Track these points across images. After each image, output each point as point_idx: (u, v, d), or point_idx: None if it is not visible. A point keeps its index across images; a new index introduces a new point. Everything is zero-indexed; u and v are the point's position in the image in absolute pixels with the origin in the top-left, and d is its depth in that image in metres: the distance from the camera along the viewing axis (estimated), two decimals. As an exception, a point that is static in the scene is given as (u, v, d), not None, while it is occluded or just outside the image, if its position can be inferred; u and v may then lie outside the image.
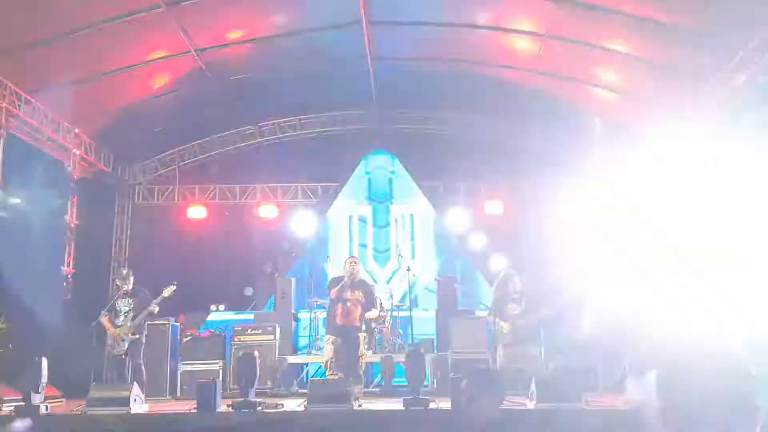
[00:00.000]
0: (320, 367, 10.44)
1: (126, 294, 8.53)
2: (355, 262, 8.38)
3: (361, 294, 8.08)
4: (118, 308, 8.49)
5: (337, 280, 8.35)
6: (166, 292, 8.45)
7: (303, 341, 12.12)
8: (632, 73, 10.72)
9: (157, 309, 8.51)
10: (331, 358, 7.89)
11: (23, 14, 8.50)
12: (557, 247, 11.55)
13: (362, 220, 14.61)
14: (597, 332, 10.14)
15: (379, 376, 10.43)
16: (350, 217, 14.65)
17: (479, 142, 14.19)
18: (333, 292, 8.19)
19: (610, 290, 10.47)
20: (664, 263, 10.58)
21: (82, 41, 9.27)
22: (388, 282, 13.87)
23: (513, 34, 10.56)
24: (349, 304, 7.98)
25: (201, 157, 14.60)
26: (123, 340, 8.31)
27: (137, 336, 8.41)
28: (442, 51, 11.39)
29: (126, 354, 8.33)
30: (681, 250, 10.64)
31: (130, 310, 8.46)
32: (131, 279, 8.63)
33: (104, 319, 8.35)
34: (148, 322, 8.90)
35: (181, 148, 14.42)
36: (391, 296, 12.16)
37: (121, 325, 8.36)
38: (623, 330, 8.76)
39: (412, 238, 14.53)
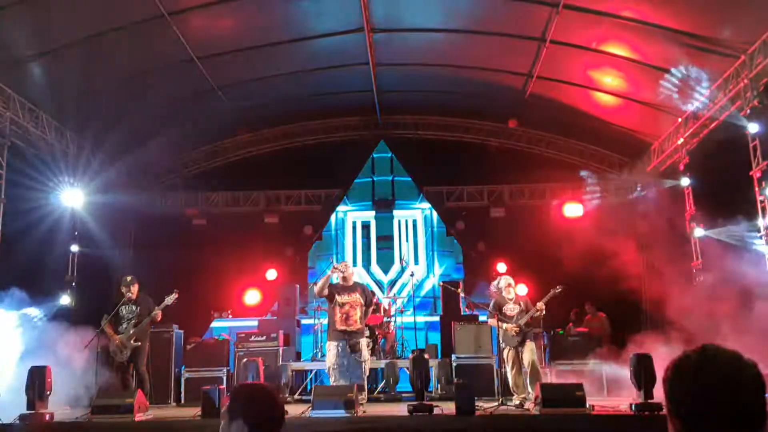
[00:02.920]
0: (324, 373, 10.44)
1: (130, 301, 8.54)
2: (346, 266, 8.33)
3: (357, 295, 8.05)
4: (121, 315, 8.50)
5: (323, 278, 8.34)
6: (168, 299, 8.46)
7: (307, 347, 12.12)
8: (635, 78, 10.75)
9: (159, 316, 8.52)
10: (334, 364, 7.88)
11: (27, 25, 8.55)
12: (559, 250, 11.55)
13: (365, 225, 14.63)
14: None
15: (383, 382, 10.42)
16: (354, 223, 14.68)
17: (482, 146, 14.22)
18: (316, 288, 8.13)
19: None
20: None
21: (86, 51, 9.31)
22: (390, 287, 13.88)
23: (515, 39, 10.57)
24: (347, 307, 7.97)
25: (204, 164, 14.63)
26: (126, 347, 8.32)
27: (140, 342, 8.41)
28: (443, 56, 11.41)
29: (129, 361, 8.34)
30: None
31: (133, 317, 8.47)
32: (135, 286, 8.64)
33: (107, 327, 8.35)
34: (152, 330, 8.91)
35: (184, 155, 14.44)
36: (394, 302, 12.16)
37: (124, 332, 8.38)
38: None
39: (415, 243, 14.54)
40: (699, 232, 11.17)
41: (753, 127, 9.10)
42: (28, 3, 8.28)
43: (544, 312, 8.21)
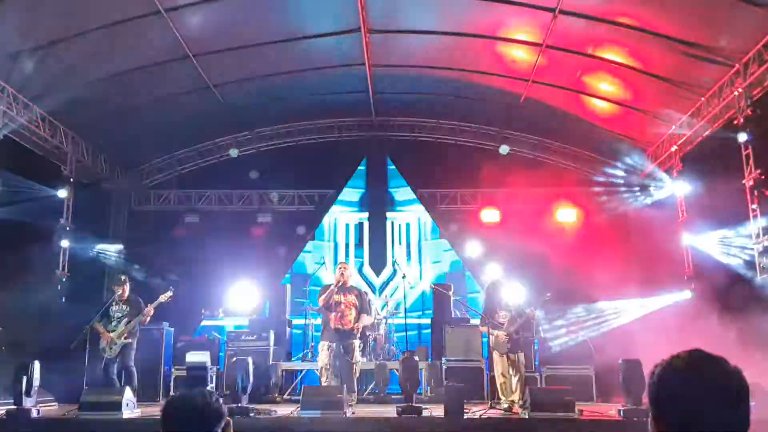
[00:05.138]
0: (313, 373, 10.43)
1: (120, 300, 8.52)
2: (345, 268, 8.38)
3: (353, 297, 8.08)
4: (111, 314, 8.48)
5: (326, 288, 8.36)
6: (163, 297, 8.48)
7: (297, 348, 12.10)
8: (631, 84, 10.79)
9: (148, 317, 8.53)
10: (326, 364, 7.89)
11: (23, 18, 8.52)
12: (552, 254, 11.59)
13: (358, 226, 14.62)
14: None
15: (373, 384, 10.41)
16: (347, 224, 14.66)
17: (476, 149, 14.22)
18: (320, 300, 8.22)
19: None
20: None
21: (81, 45, 9.28)
22: (382, 288, 13.88)
23: (511, 43, 10.60)
24: (342, 306, 7.99)
25: (198, 162, 14.59)
26: (115, 344, 8.30)
27: (130, 340, 8.41)
28: (440, 59, 11.42)
29: (117, 358, 8.32)
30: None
31: (123, 315, 8.45)
32: (127, 285, 8.63)
33: (97, 324, 8.34)
34: (141, 327, 8.88)
35: (178, 153, 14.41)
36: (386, 303, 12.17)
37: (114, 330, 8.36)
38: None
39: (408, 246, 14.53)
40: (690, 239, 11.22)
41: (742, 137, 9.14)
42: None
43: (534, 318, 8.21)
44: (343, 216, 14.68)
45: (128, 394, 7.26)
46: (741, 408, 1.59)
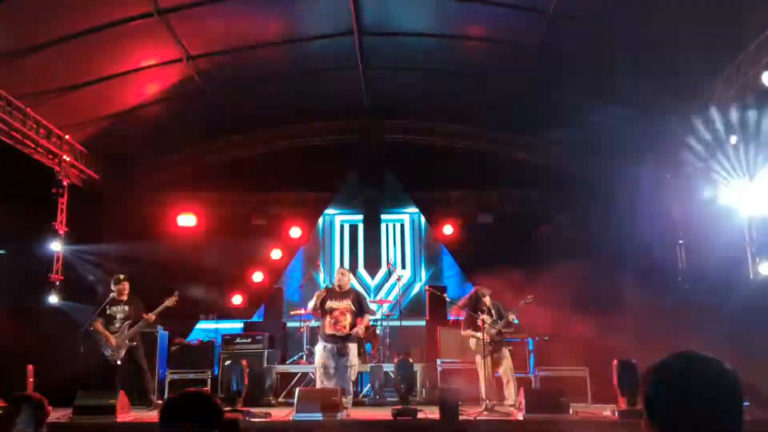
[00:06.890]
0: (309, 375, 10.41)
1: (120, 301, 8.49)
2: (344, 273, 8.41)
3: (348, 303, 8.09)
4: (112, 314, 8.43)
5: (320, 294, 8.36)
6: (169, 301, 8.45)
7: (292, 351, 12.08)
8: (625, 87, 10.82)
9: (154, 317, 8.52)
10: (322, 366, 7.89)
11: (15, 20, 8.49)
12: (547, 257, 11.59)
13: (353, 229, 14.61)
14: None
15: (368, 386, 10.41)
16: (341, 226, 14.66)
17: (471, 152, 14.22)
18: (309, 304, 8.23)
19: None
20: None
21: (74, 48, 9.25)
22: (377, 290, 13.88)
23: (505, 45, 10.62)
24: (336, 312, 8.00)
25: (192, 165, 14.54)
26: (121, 347, 8.27)
27: (135, 343, 8.44)
28: (434, 61, 11.43)
29: (121, 362, 8.30)
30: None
31: (126, 316, 8.41)
32: (126, 285, 8.59)
33: (98, 325, 8.28)
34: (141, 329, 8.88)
35: (172, 155, 14.35)
36: (380, 305, 12.18)
37: (118, 333, 8.32)
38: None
39: (403, 248, 14.54)
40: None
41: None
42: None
43: (515, 321, 8.41)
44: (338, 218, 14.67)
45: (122, 397, 7.24)
46: (735, 408, 1.60)
